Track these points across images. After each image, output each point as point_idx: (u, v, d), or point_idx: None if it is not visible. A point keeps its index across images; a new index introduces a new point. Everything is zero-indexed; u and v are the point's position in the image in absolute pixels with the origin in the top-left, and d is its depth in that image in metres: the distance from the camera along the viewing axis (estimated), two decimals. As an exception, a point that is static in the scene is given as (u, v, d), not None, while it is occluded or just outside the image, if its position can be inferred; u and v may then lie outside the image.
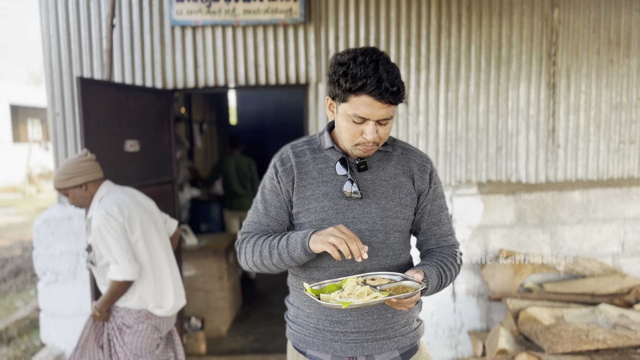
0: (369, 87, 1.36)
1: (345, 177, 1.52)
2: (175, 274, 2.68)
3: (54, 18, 3.54)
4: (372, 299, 1.32)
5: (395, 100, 1.40)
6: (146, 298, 2.53)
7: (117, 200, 2.47)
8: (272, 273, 1.57)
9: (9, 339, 4.41)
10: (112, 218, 2.40)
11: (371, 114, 1.40)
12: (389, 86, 1.36)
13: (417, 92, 3.65)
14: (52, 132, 3.60)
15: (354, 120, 1.43)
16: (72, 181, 2.46)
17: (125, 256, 2.41)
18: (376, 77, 1.35)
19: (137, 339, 2.52)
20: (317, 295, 1.38)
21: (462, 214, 3.69)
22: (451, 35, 3.62)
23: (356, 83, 1.36)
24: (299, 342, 1.62)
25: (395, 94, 1.38)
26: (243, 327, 4.61)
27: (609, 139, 3.77)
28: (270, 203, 1.59)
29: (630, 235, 3.80)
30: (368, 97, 1.38)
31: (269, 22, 3.51)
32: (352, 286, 1.38)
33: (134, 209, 2.50)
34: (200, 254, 4.38)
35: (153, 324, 2.56)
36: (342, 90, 1.41)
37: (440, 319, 3.72)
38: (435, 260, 1.57)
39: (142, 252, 2.51)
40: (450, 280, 1.58)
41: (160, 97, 3.58)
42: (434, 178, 1.62)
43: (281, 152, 1.63)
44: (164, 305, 2.58)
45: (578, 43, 3.68)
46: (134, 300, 2.51)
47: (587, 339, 2.86)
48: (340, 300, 1.33)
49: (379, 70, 1.36)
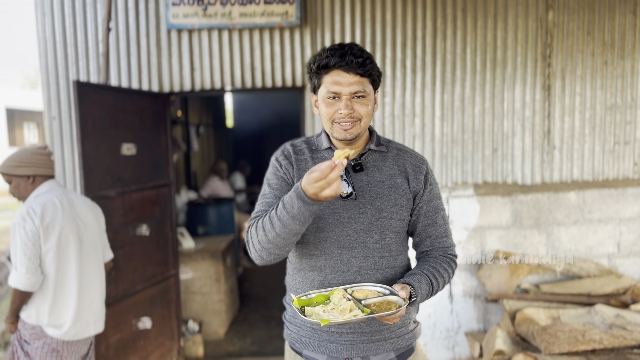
0: (334, 60, 1.45)
1: (341, 178, 1.53)
2: (87, 297, 2.45)
3: (50, 22, 3.54)
4: (352, 317, 1.31)
5: (364, 71, 1.46)
6: (42, 314, 2.34)
7: (47, 202, 2.32)
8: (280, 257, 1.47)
9: (6, 343, 4.40)
10: (29, 219, 2.26)
11: (341, 87, 1.46)
12: (353, 58, 1.44)
13: (413, 94, 3.66)
14: (49, 136, 3.60)
15: (329, 98, 1.49)
16: (21, 170, 2.36)
17: (25, 264, 2.24)
18: (341, 52, 1.46)
19: (36, 357, 2.34)
20: (302, 307, 1.37)
21: (458, 215, 3.70)
22: (446, 38, 3.64)
23: (323, 60, 1.47)
24: (295, 342, 1.63)
25: (361, 64, 1.45)
26: (241, 329, 4.60)
27: (604, 140, 3.79)
28: (278, 188, 1.56)
29: (626, 235, 3.81)
30: (336, 71, 1.47)
31: (265, 25, 3.52)
32: (339, 299, 1.38)
33: (59, 217, 2.33)
34: (198, 257, 4.37)
35: (49, 344, 2.35)
36: (315, 75, 1.51)
37: (437, 320, 3.72)
38: (427, 268, 1.56)
39: (50, 264, 2.32)
40: (443, 285, 1.59)
41: (157, 100, 3.58)
42: (430, 179, 1.62)
43: (282, 148, 1.66)
44: (60, 326, 2.36)
45: (573, 45, 3.70)
46: (30, 313, 2.34)
47: (584, 340, 2.87)
48: (320, 317, 1.32)
49: (344, 48, 1.47)
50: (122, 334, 3.22)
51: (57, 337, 2.36)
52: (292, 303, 1.38)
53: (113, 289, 3.11)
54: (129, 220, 3.28)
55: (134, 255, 3.33)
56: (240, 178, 7.46)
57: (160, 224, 3.64)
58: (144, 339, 3.42)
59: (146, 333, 3.44)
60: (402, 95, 3.66)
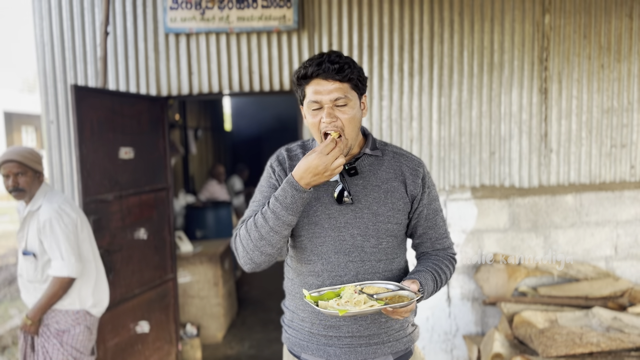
0: (311, 69, 1.45)
1: (336, 183, 1.53)
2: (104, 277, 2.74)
3: (48, 26, 3.55)
4: (368, 307, 1.34)
5: (342, 77, 1.45)
6: (85, 297, 2.56)
7: (67, 199, 2.56)
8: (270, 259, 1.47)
9: (3, 347, 4.38)
10: (65, 214, 2.46)
11: (321, 96, 1.46)
12: (330, 64, 1.44)
13: (411, 98, 3.67)
14: (47, 140, 3.60)
15: (312, 109, 1.48)
16: (39, 166, 2.52)
17: (73, 253, 2.45)
18: (318, 60, 1.46)
19: (75, 341, 2.53)
20: (315, 302, 1.40)
21: (456, 218, 3.71)
22: (444, 41, 3.65)
23: (301, 71, 1.48)
24: (293, 346, 1.63)
25: (338, 70, 1.44)
26: (239, 333, 4.60)
27: (600, 143, 3.80)
28: (268, 195, 1.57)
29: (623, 238, 3.82)
30: (316, 80, 1.46)
31: (263, 29, 3.53)
32: (350, 294, 1.41)
33: (79, 211, 2.60)
34: (196, 261, 4.37)
35: (88, 325, 2.59)
36: (299, 87, 1.51)
37: (435, 323, 3.73)
38: (430, 265, 1.59)
39: (88, 250, 2.59)
40: (445, 282, 1.61)
41: (155, 104, 3.59)
42: (428, 182, 1.62)
43: (277, 154, 1.66)
44: (100, 304, 2.65)
45: (569, 48, 3.72)
46: (72, 300, 2.52)
47: (581, 342, 2.87)
48: (338, 307, 1.35)
49: (322, 56, 1.47)
50: (120, 338, 3.21)
51: (98, 314, 2.64)
52: (306, 298, 1.39)
53: (111, 293, 3.10)
54: (126, 224, 3.28)
55: (131, 259, 3.32)
56: (239, 182, 7.46)
57: (158, 227, 3.64)
58: (141, 343, 3.42)
59: (144, 337, 3.44)
60: (399, 99, 3.67)
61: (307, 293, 1.42)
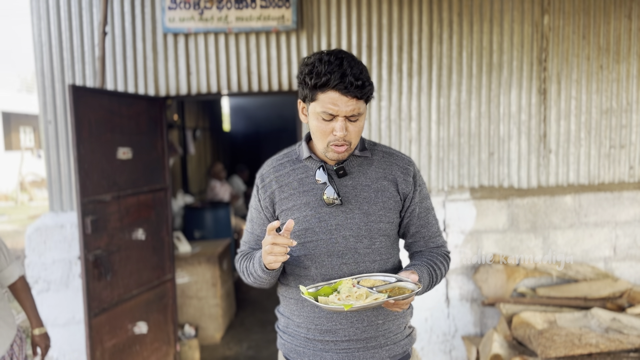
0: (333, 81, 1.38)
1: (325, 185, 1.52)
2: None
3: (45, 26, 3.54)
4: (372, 300, 1.32)
5: (361, 95, 1.41)
6: None
7: None
8: (270, 285, 1.61)
9: None
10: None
11: (339, 109, 1.41)
12: (353, 80, 1.38)
13: (409, 98, 3.67)
14: (44, 140, 3.59)
15: (324, 118, 1.44)
16: None
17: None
18: (340, 72, 1.38)
19: None
20: (314, 298, 1.37)
21: (454, 219, 3.70)
22: (442, 42, 3.65)
23: (320, 79, 1.39)
24: (289, 352, 1.62)
25: (360, 87, 1.39)
26: (237, 334, 4.59)
27: (599, 143, 3.80)
28: (255, 222, 1.65)
29: (622, 239, 3.82)
30: (334, 92, 1.40)
31: (262, 29, 3.52)
32: (349, 288, 1.38)
33: None
34: (194, 261, 4.36)
35: None
36: (309, 89, 1.44)
37: (434, 324, 3.72)
38: (425, 260, 1.58)
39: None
40: (440, 278, 1.59)
41: (153, 104, 3.58)
42: (418, 180, 1.61)
43: (262, 169, 1.65)
44: None
45: (568, 49, 3.72)
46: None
47: (580, 343, 2.87)
48: (341, 302, 1.32)
49: (343, 65, 1.39)
50: (118, 339, 3.20)
51: None
52: (304, 294, 1.37)
53: (109, 294, 3.10)
54: (124, 225, 3.27)
55: (129, 260, 3.31)
56: (240, 182, 7.46)
57: (157, 228, 3.63)
58: (139, 344, 3.41)
59: (142, 338, 3.43)
60: (398, 99, 3.66)
61: (305, 289, 1.39)
